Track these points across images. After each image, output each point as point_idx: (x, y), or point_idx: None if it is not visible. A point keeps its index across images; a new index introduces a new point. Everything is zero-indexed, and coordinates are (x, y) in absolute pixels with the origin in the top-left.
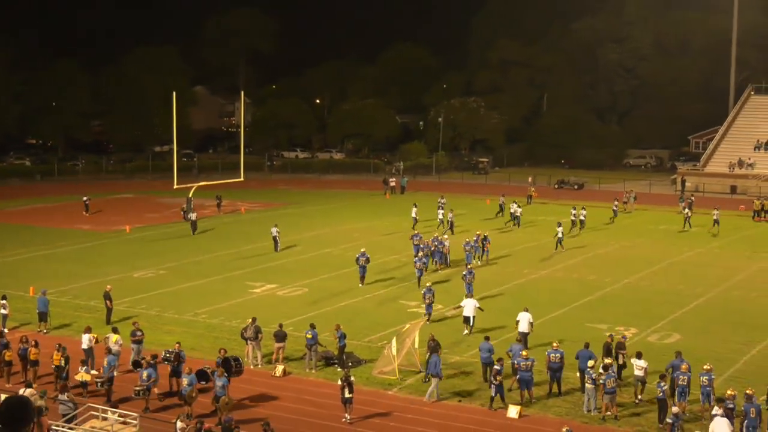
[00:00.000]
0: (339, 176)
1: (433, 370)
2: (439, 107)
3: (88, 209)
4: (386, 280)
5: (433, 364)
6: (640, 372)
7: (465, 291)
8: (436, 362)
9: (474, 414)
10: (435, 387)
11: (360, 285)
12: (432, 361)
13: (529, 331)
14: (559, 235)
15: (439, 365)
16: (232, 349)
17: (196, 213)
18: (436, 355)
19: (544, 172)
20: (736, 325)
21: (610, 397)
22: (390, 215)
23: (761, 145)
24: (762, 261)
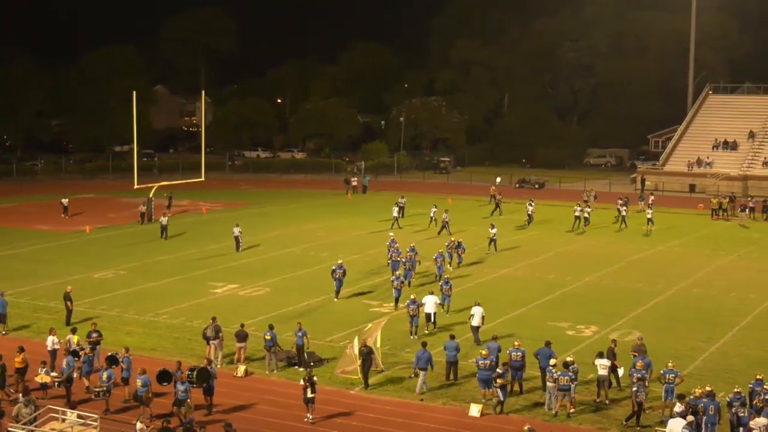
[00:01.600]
0: (301, 176)
1: (423, 364)
2: (401, 107)
3: (67, 211)
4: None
5: (425, 359)
6: (604, 371)
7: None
8: (429, 357)
9: (436, 413)
10: (423, 379)
11: (335, 299)
12: (420, 355)
13: (480, 324)
14: (493, 236)
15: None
16: (192, 350)
17: (168, 216)
18: (425, 349)
19: (506, 172)
20: (696, 323)
21: (563, 394)
22: (352, 215)
23: (719, 144)
24: (721, 259)
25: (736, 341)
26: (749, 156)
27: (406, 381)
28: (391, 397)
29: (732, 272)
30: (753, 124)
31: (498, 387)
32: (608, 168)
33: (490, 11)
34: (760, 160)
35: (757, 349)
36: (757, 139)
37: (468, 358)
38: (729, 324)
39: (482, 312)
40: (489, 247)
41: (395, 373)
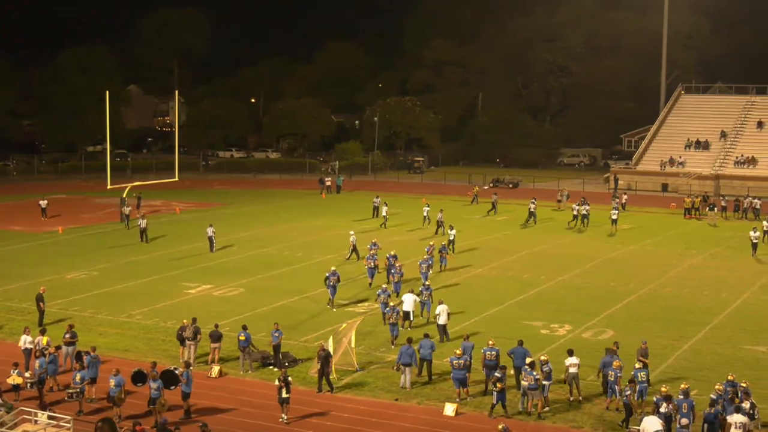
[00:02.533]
0: (275, 176)
1: (407, 359)
2: (375, 106)
3: (46, 213)
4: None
5: (409, 355)
6: (574, 369)
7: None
8: (413, 353)
9: (411, 412)
10: (409, 375)
11: (333, 308)
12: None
13: (446, 322)
14: (451, 237)
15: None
16: (166, 350)
17: (146, 219)
18: (410, 345)
19: (479, 171)
20: (668, 321)
21: (533, 393)
22: (327, 215)
23: (691, 144)
24: (693, 258)
25: (708, 339)
26: (721, 155)
27: (381, 381)
28: (366, 397)
29: (704, 271)
30: (725, 124)
31: (497, 391)
32: (581, 167)
33: (464, 11)
34: (731, 159)
35: (728, 347)
36: (728, 139)
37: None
38: (701, 322)
39: (447, 310)
40: (448, 248)
41: (370, 373)
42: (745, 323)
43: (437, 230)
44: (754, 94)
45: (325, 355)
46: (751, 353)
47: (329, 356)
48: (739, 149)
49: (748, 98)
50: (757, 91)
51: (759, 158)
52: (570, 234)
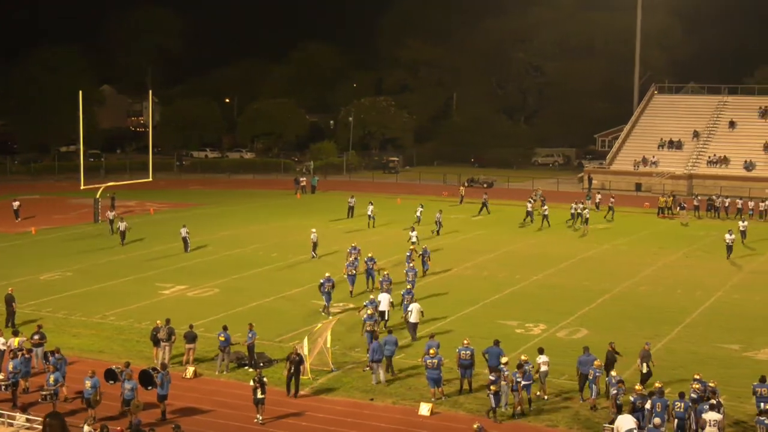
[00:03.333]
0: (249, 176)
1: (378, 356)
2: (350, 106)
3: (18, 214)
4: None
5: (380, 352)
6: (545, 367)
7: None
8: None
9: (386, 412)
10: (382, 371)
11: (327, 315)
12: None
13: (418, 321)
14: (413, 239)
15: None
16: (141, 351)
17: (126, 222)
18: (377, 341)
19: (454, 171)
20: (643, 320)
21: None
22: (302, 215)
23: (665, 144)
24: (667, 257)
25: (682, 338)
26: (694, 155)
27: (357, 380)
28: (341, 397)
29: (678, 270)
30: (697, 124)
31: (492, 394)
32: (556, 167)
33: (439, 12)
34: (704, 159)
35: (702, 346)
36: (701, 139)
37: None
38: (675, 321)
39: (419, 308)
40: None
41: (345, 373)
42: (718, 321)
43: (438, 230)
44: (726, 94)
45: (299, 360)
46: (725, 351)
47: (302, 362)
48: (711, 149)
49: (720, 98)
50: (729, 91)
51: (731, 158)
52: (544, 233)
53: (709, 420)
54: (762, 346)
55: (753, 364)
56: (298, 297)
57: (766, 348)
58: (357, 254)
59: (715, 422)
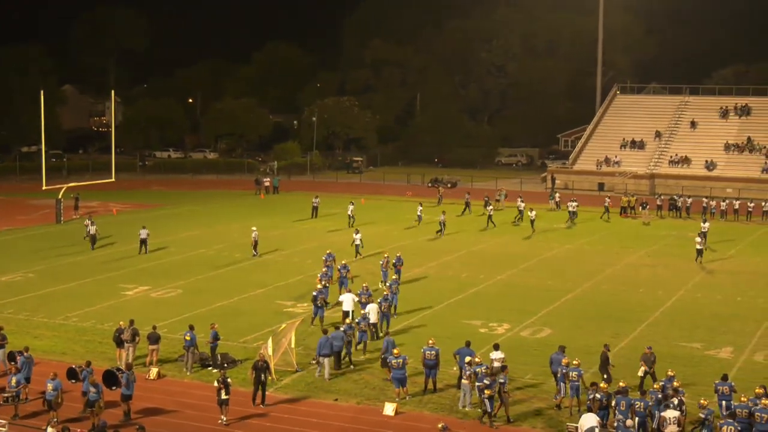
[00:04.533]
0: (213, 176)
1: (327, 351)
2: (313, 106)
3: None
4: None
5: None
6: (498, 363)
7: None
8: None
9: (350, 412)
10: (328, 366)
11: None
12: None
13: (377, 321)
14: (357, 242)
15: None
16: (104, 353)
17: (96, 225)
18: (327, 336)
19: (418, 171)
20: (605, 319)
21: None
22: (266, 215)
23: (627, 144)
24: (629, 256)
25: (644, 337)
26: (656, 155)
27: (321, 381)
28: (306, 397)
29: (640, 269)
30: (659, 124)
31: (486, 398)
32: (519, 167)
33: (403, 12)
34: (666, 158)
35: (664, 345)
36: (663, 139)
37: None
38: (637, 320)
39: (377, 309)
40: (356, 255)
41: (310, 373)
42: (680, 320)
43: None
44: (688, 95)
45: (266, 367)
46: (687, 350)
47: (267, 368)
48: (673, 149)
49: (682, 98)
50: (691, 91)
51: (692, 157)
52: (507, 233)
53: (668, 418)
54: (723, 345)
55: (715, 362)
56: (262, 297)
57: (728, 347)
58: (332, 262)
59: (674, 419)
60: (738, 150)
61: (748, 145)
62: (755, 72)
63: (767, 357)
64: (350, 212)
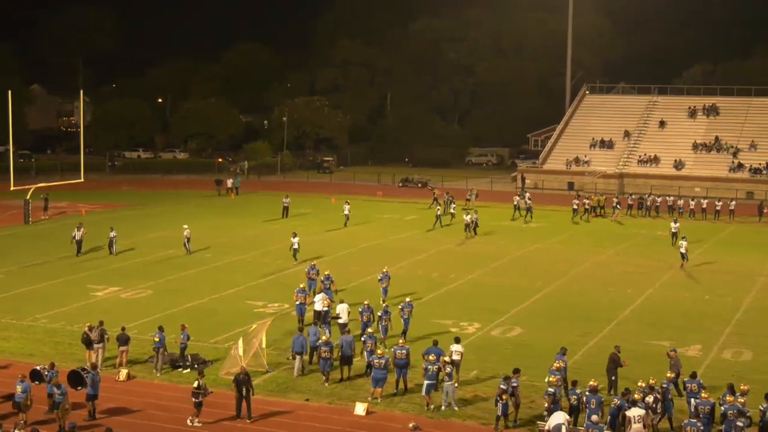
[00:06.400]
0: (183, 176)
1: (299, 348)
2: (283, 106)
3: None
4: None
5: (299, 344)
6: (457, 357)
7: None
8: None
9: (322, 412)
10: (299, 363)
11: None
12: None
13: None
14: (295, 246)
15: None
16: (73, 354)
17: (82, 230)
18: (300, 333)
19: (389, 171)
20: (575, 318)
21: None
22: (235, 215)
23: (596, 143)
24: (599, 255)
25: (614, 335)
26: (625, 154)
27: (292, 381)
28: (277, 398)
29: (609, 268)
30: (628, 124)
31: (503, 403)
32: (489, 167)
33: (373, 12)
34: (635, 158)
35: (633, 343)
36: (632, 138)
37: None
38: (607, 319)
39: (348, 309)
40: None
41: (281, 374)
42: (649, 319)
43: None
44: (656, 95)
45: (248, 379)
46: (656, 348)
47: (250, 381)
48: (642, 148)
49: (651, 98)
50: (659, 91)
51: (661, 157)
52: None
53: (633, 416)
54: (692, 343)
55: (683, 360)
56: (233, 298)
57: (697, 344)
58: (315, 275)
59: (639, 418)
60: (706, 149)
61: (716, 144)
62: (722, 71)
63: (735, 355)
64: (347, 211)
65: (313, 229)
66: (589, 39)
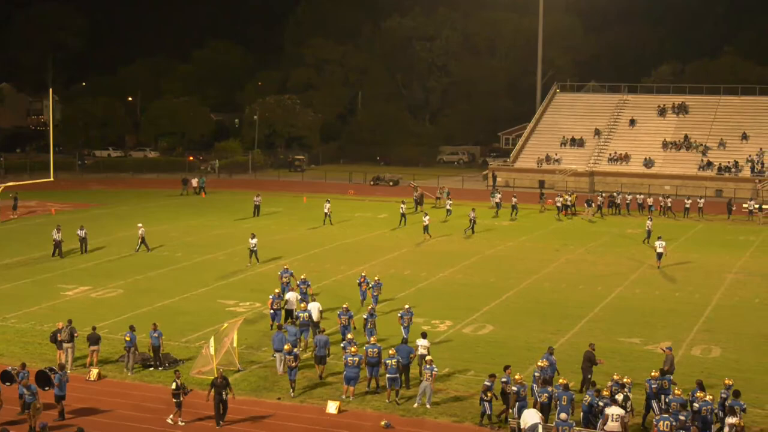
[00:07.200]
0: (153, 175)
1: (278, 345)
2: (255, 105)
3: None
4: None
5: (279, 341)
6: (424, 351)
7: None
8: (282, 338)
9: (293, 411)
10: (281, 360)
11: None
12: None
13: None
14: (253, 247)
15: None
16: (43, 354)
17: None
18: (280, 331)
19: (360, 169)
20: (546, 316)
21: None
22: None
23: (567, 141)
24: (570, 253)
25: (585, 332)
26: (595, 152)
27: (263, 380)
28: (249, 396)
29: (580, 266)
30: (598, 122)
31: (487, 401)
32: (461, 165)
33: (345, 10)
34: (605, 156)
35: (604, 340)
36: (602, 136)
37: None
38: (578, 316)
39: (320, 308)
40: (250, 259)
41: (252, 373)
42: (620, 316)
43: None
44: (626, 93)
45: (226, 383)
46: (626, 345)
47: (228, 385)
48: (612, 146)
49: (621, 96)
50: (629, 89)
51: (631, 155)
52: (449, 231)
53: (612, 414)
54: (662, 340)
55: (654, 357)
56: (204, 297)
57: (667, 341)
58: (289, 278)
59: (618, 417)
60: (675, 147)
61: (685, 142)
62: (691, 70)
63: (704, 351)
64: (327, 210)
65: (284, 228)
66: (559, 38)
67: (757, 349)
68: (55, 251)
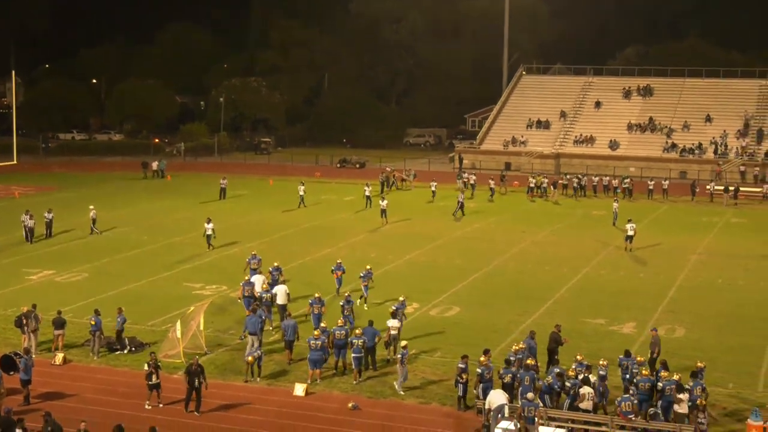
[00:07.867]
0: (118, 158)
1: (252, 328)
2: (220, 87)
3: None
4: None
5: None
6: (395, 332)
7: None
8: (256, 322)
9: (261, 394)
10: (253, 343)
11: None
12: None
13: (286, 302)
14: (209, 232)
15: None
16: (7, 339)
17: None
18: (255, 315)
19: (327, 152)
20: (512, 297)
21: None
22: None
23: (533, 124)
24: (535, 235)
25: (550, 313)
26: (561, 135)
27: (230, 363)
28: (215, 379)
29: (546, 247)
30: (564, 104)
31: (461, 383)
32: (427, 147)
33: None
34: (571, 138)
35: (570, 321)
36: (568, 119)
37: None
38: (543, 297)
39: (286, 290)
40: (208, 245)
41: (218, 356)
42: (585, 297)
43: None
44: (592, 75)
45: (200, 370)
46: (591, 326)
47: (203, 372)
48: (578, 128)
49: (586, 79)
50: (595, 72)
51: (597, 137)
52: (416, 213)
53: (587, 393)
54: (627, 320)
55: (618, 337)
56: (170, 280)
57: (631, 322)
58: (257, 264)
59: (591, 395)
60: (640, 130)
61: (650, 124)
62: (655, 53)
63: (668, 331)
64: (301, 192)
65: (249, 210)
66: (525, 21)
67: (719, 329)
68: (28, 236)
